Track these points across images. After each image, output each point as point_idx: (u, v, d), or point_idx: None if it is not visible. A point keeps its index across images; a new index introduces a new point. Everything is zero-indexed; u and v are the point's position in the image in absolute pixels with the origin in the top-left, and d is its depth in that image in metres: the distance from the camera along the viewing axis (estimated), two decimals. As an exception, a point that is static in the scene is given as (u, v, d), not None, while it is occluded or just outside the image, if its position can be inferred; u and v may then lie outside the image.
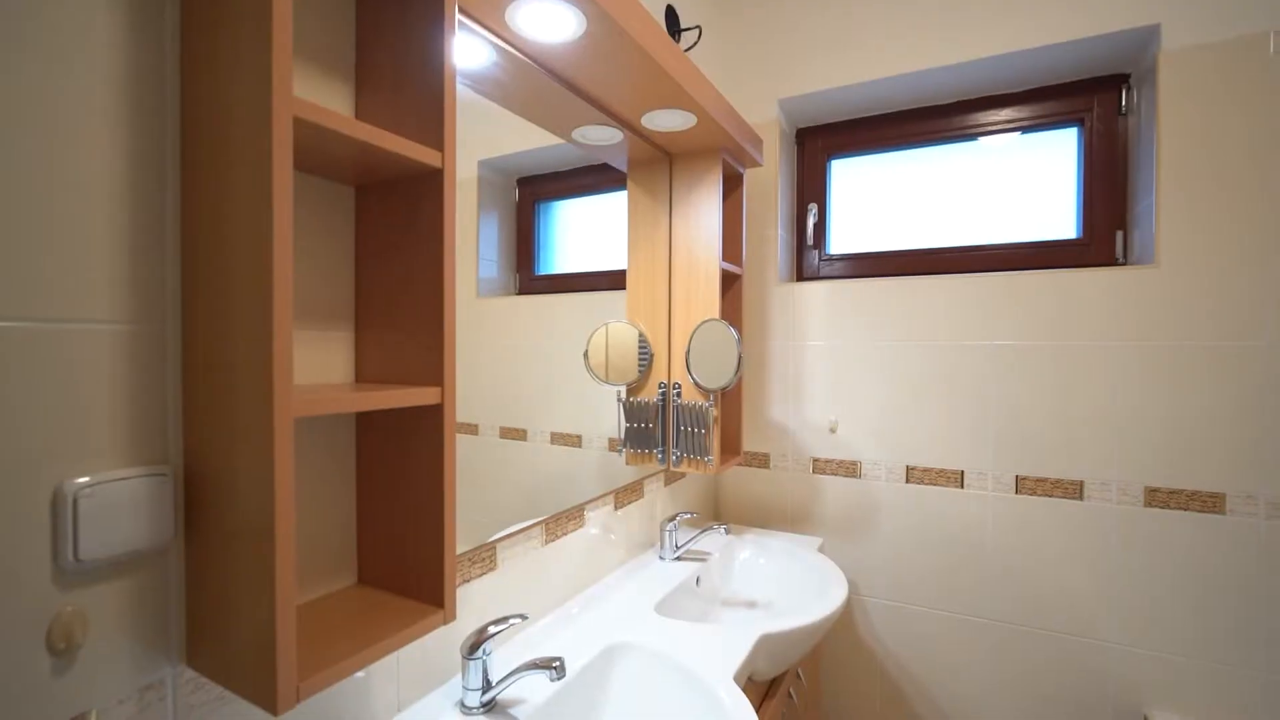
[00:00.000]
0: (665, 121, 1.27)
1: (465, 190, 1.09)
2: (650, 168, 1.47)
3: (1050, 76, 1.57)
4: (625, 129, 1.29)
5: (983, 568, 1.49)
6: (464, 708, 0.81)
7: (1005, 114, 1.65)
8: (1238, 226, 1.27)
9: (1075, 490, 1.40)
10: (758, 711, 1.09)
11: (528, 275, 1.37)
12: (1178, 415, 1.31)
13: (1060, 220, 1.59)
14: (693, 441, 1.43)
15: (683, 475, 1.62)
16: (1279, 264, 1.24)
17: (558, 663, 0.77)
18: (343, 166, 0.66)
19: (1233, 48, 1.27)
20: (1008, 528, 1.46)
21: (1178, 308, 1.32)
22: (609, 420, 1.39)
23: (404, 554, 0.70)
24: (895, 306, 1.59)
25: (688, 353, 1.42)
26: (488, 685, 0.81)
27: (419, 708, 0.81)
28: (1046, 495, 1.43)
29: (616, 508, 1.31)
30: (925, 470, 1.55)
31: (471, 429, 1.10)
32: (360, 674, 0.75)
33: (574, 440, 1.34)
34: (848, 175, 1.86)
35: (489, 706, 0.81)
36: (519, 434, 1.21)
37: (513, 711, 0.81)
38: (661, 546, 1.39)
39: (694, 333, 1.41)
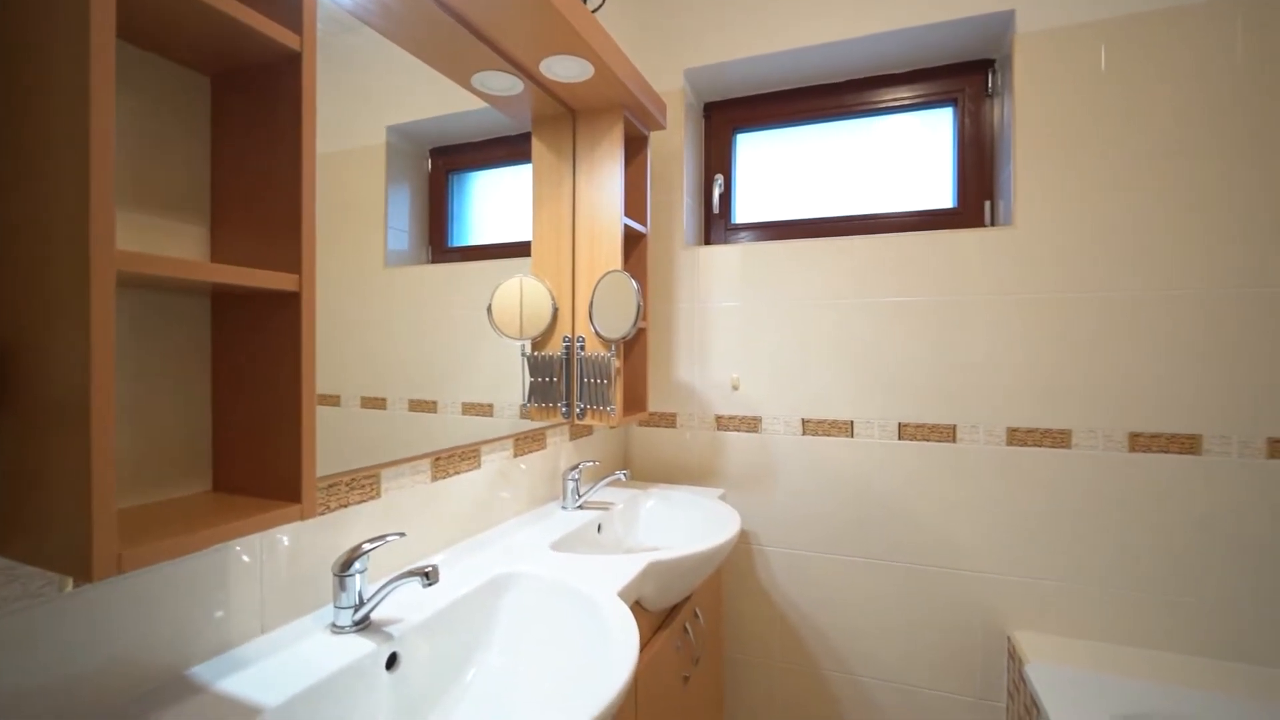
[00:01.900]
0: (563, 70, 1.29)
1: (372, 157, 1.07)
2: (554, 124, 1.48)
3: (929, 59, 1.70)
4: (525, 77, 1.30)
5: (869, 511, 1.59)
6: (335, 628, 0.78)
7: (892, 93, 1.78)
8: (1081, 192, 1.42)
9: (949, 434, 1.52)
10: (649, 641, 1.12)
11: (440, 247, 1.35)
12: (1032, 360, 1.45)
13: (941, 191, 1.73)
14: (596, 392, 1.44)
15: (589, 432, 1.64)
16: (1115, 225, 1.40)
17: (430, 569, 0.77)
18: (189, 44, 0.63)
19: (1079, 32, 1.43)
20: (891, 472, 1.57)
21: (1032, 264, 1.46)
22: (521, 387, 1.39)
23: (262, 456, 0.67)
24: (794, 269, 1.67)
25: (591, 304, 1.43)
26: (361, 603, 0.79)
27: (284, 631, 0.78)
28: (925, 440, 1.54)
29: (516, 455, 1.31)
30: (819, 422, 1.64)
31: (379, 403, 1.08)
32: (220, 613, 0.72)
33: (486, 410, 1.33)
34: (752, 148, 1.94)
35: (363, 625, 0.79)
36: (429, 406, 1.19)
37: (389, 629, 0.79)
38: (564, 497, 1.39)
39: (597, 284, 1.43)
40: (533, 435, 1.37)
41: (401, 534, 0.83)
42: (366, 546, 0.80)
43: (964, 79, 1.71)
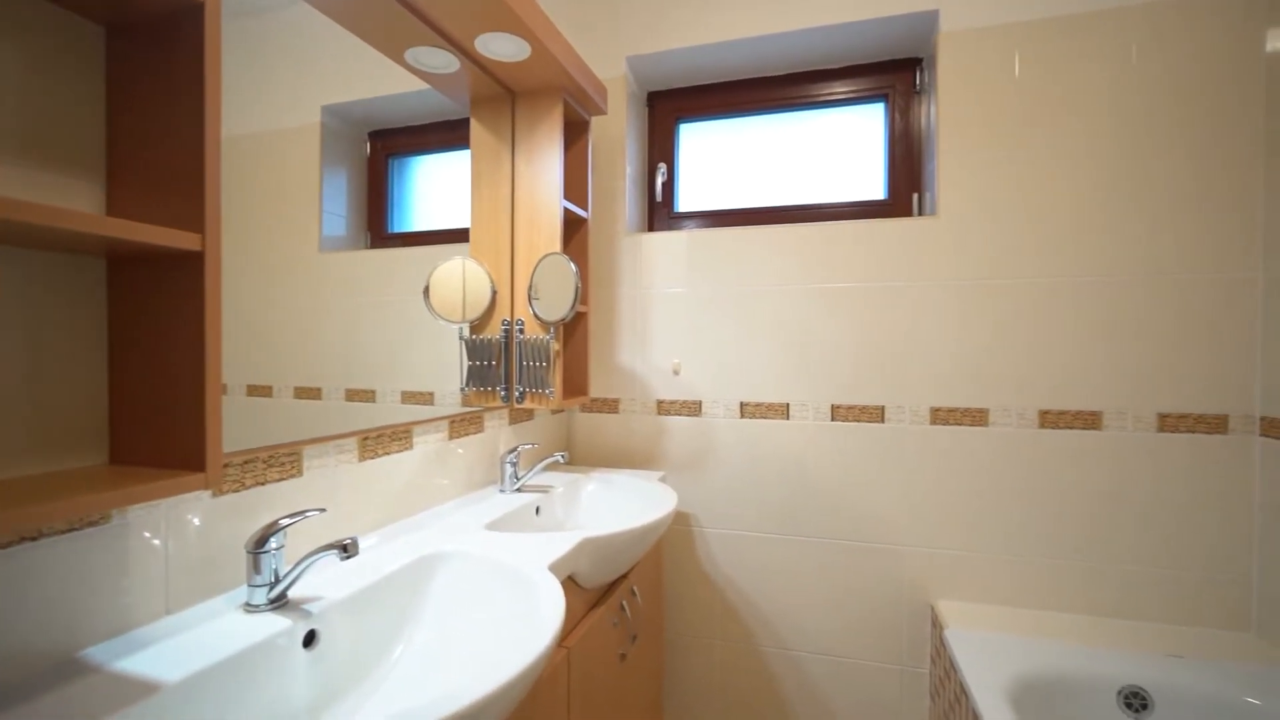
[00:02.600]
0: (500, 48, 1.27)
1: (306, 138, 1.03)
2: (493, 105, 1.46)
3: (863, 56, 1.77)
4: (460, 55, 1.28)
5: (803, 491, 1.64)
6: (249, 607, 0.75)
7: (828, 88, 1.84)
8: (997, 186, 1.51)
9: (878, 414, 1.59)
10: (584, 617, 1.12)
11: (380, 232, 1.32)
12: (953, 343, 1.53)
13: (875, 183, 1.80)
14: (535, 375, 1.44)
15: (530, 417, 1.63)
16: (1027, 217, 1.49)
17: (348, 541, 0.75)
18: (79, -13, 0.60)
19: (997, 34, 1.51)
20: (824, 452, 1.63)
21: (952, 253, 1.54)
22: (459, 372, 1.37)
23: (163, 426, 0.64)
24: (733, 256, 1.71)
25: (530, 286, 1.43)
26: (276, 580, 0.76)
27: (192, 612, 0.75)
28: (855, 420, 1.61)
29: (451, 437, 1.29)
30: (757, 405, 1.68)
31: (314, 393, 1.04)
32: (120, 596, 0.68)
33: (426, 398, 1.31)
34: (695, 138, 1.97)
35: (279, 603, 0.77)
36: (367, 395, 1.16)
37: (308, 607, 0.77)
38: (502, 480, 1.38)
39: (536, 266, 1.43)
40: (469, 418, 1.35)
41: (322, 509, 0.81)
42: (284, 522, 0.78)
43: (894, 76, 1.78)
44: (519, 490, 1.39)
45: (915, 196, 1.72)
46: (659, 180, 1.92)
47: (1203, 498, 1.39)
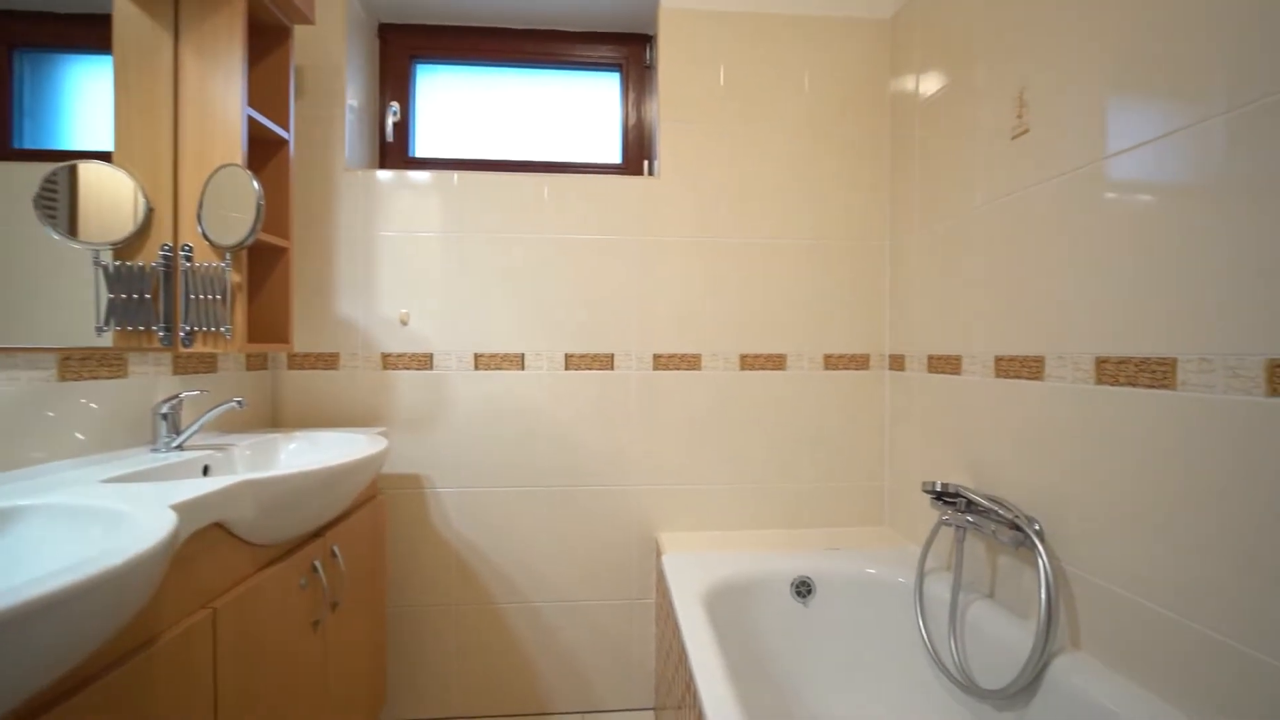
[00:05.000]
0: (140, -104, 1.03)
1: None
2: (147, -21, 1.18)
3: (602, 25, 1.84)
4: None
5: (540, 440, 1.65)
6: None
7: (571, 50, 1.87)
8: (708, 157, 1.68)
9: (608, 362, 1.66)
10: (250, 575, 0.96)
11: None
12: (672, 294, 1.67)
13: (614, 147, 1.88)
14: (206, 311, 1.20)
15: (210, 368, 1.36)
16: (731, 188, 1.68)
17: None
18: None
19: (710, 20, 1.67)
20: (559, 401, 1.65)
21: (672, 213, 1.67)
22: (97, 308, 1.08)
23: None
24: (470, 203, 1.63)
25: (200, 204, 1.19)
26: None
27: None
28: (588, 369, 1.66)
29: (65, 379, 1.01)
30: (492, 356, 1.63)
31: None
32: None
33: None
34: (436, 84, 1.86)
35: None
36: None
37: None
38: (155, 437, 1.12)
39: (208, 180, 1.19)
40: (98, 356, 1.07)
41: None
42: None
43: (629, 48, 1.88)
44: (180, 448, 1.14)
45: (646, 163, 1.84)
46: (390, 119, 1.76)
47: (853, 422, 1.71)
